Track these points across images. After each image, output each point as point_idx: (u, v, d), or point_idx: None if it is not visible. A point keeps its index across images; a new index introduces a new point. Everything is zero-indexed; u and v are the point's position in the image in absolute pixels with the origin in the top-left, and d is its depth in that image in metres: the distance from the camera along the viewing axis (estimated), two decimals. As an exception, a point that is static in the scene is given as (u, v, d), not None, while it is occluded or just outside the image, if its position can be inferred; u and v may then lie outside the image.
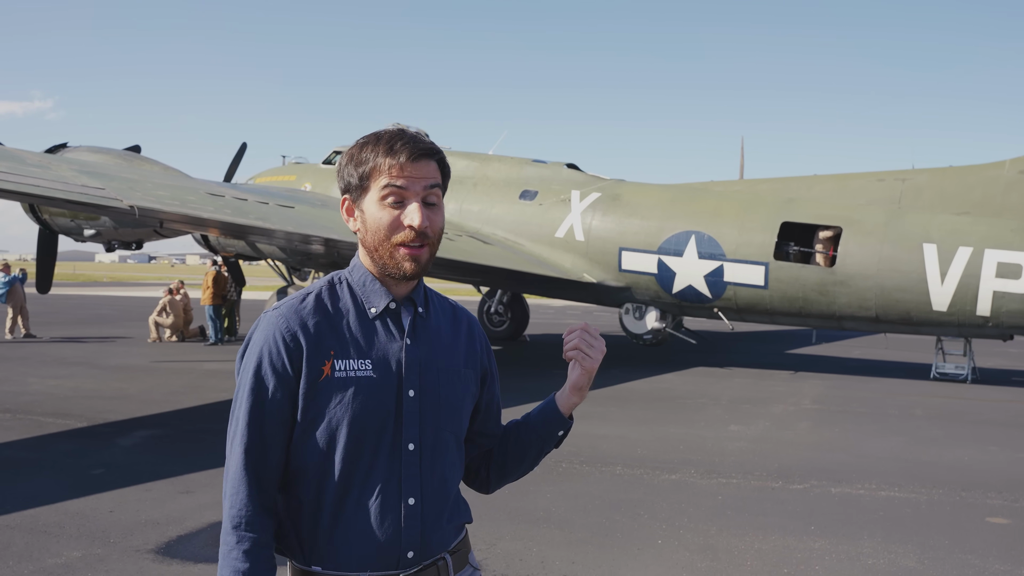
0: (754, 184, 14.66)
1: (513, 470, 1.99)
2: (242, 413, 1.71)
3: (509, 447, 1.98)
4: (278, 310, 1.75)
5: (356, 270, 1.82)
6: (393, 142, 1.73)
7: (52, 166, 9.04)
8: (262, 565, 1.68)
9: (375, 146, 1.74)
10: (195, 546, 4.80)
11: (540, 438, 1.94)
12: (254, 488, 1.69)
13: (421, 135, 1.78)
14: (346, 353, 1.72)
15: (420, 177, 1.72)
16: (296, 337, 1.71)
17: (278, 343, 1.71)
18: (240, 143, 18.26)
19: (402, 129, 1.77)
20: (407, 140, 1.73)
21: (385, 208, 1.72)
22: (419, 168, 1.72)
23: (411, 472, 1.74)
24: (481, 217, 14.79)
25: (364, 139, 1.77)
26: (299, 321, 1.73)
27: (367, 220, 1.75)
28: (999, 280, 11.30)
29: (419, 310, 1.82)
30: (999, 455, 7.68)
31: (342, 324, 1.75)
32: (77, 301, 30.61)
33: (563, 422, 1.93)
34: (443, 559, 1.80)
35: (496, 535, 4.97)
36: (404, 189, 1.71)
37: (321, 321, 1.74)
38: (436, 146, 1.77)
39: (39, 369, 12.15)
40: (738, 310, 13.15)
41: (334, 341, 1.73)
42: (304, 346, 1.71)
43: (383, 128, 1.80)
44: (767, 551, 4.91)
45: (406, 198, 1.72)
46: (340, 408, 1.69)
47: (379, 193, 1.72)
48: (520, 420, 2.00)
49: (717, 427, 8.66)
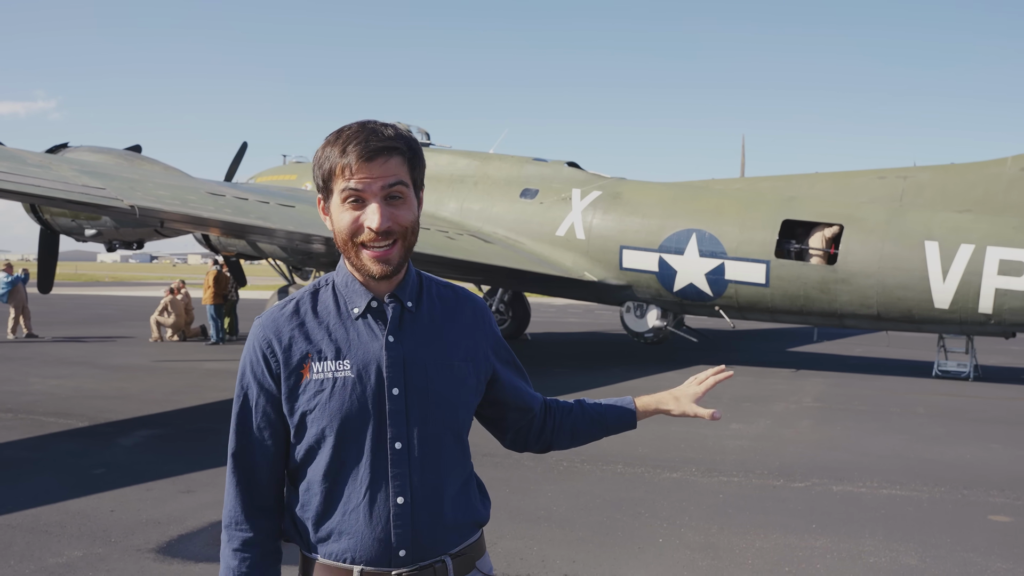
0: (755, 182, 14.64)
1: (565, 447, 2.10)
2: (232, 420, 1.80)
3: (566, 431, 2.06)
4: (260, 319, 1.80)
5: (340, 271, 1.82)
6: (347, 143, 1.66)
7: (53, 166, 9.04)
8: (250, 561, 1.78)
9: (333, 146, 1.68)
10: (196, 545, 4.80)
11: (605, 433, 2.09)
12: (243, 489, 1.79)
13: (382, 130, 1.68)
14: (324, 354, 1.73)
15: (376, 177, 1.66)
16: (271, 345, 1.75)
17: (256, 352, 1.76)
18: (241, 143, 18.27)
19: (363, 124, 1.69)
20: (360, 140, 1.65)
21: (347, 210, 1.69)
22: (374, 168, 1.66)
23: (399, 471, 1.72)
24: (482, 216, 14.79)
25: (327, 137, 1.72)
26: (275, 329, 1.76)
27: (334, 222, 1.73)
28: (1001, 277, 11.28)
29: (407, 305, 1.78)
30: (1001, 453, 7.67)
31: (322, 326, 1.76)
32: (79, 301, 30.65)
33: (633, 426, 2.10)
34: (442, 562, 1.76)
35: (497, 534, 4.96)
36: (361, 191, 1.67)
37: (299, 326, 1.76)
38: (396, 141, 1.68)
39: (41, 369, 12.17)
40: (739, 308, 13.13)
41: (311, 344, 1.74)
42: (280, 352, 1.74)
43: (349, 123, 1.72)
44: (768, 549, 4.90)
45: (365, 199, 1.68)
46: (319, 409, 1.71)
47: (340, 195, 1.69)
48: (589, 412, 2.08)
49: (718, 425, 8.65)
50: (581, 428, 2.06)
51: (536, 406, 2.03)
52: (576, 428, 2.06)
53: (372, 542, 1.70)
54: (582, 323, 23.50)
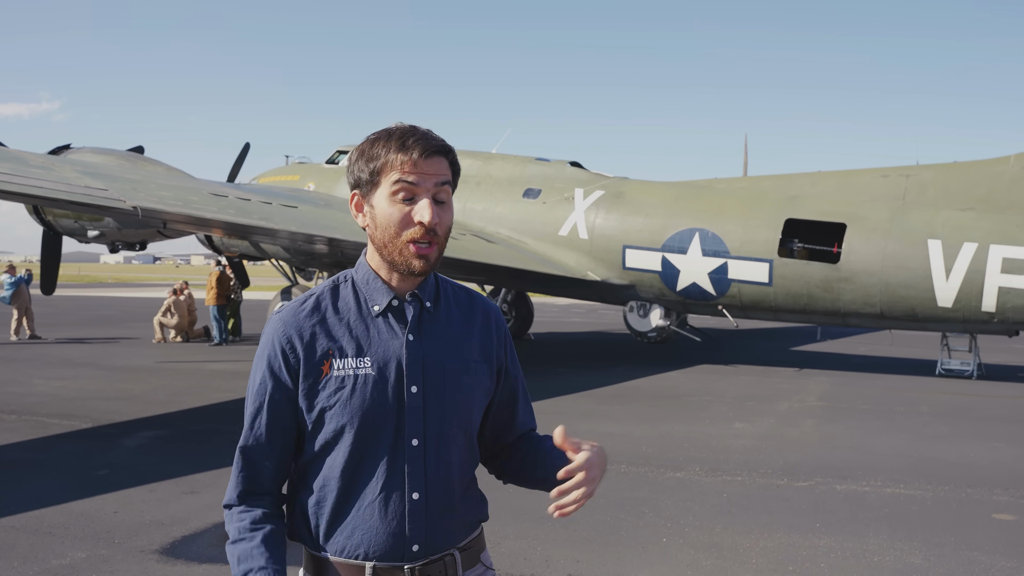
0: (758, 181, 14.63)
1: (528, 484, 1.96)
2: (247, 415, 1.81)
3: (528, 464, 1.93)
4: (279, 314, 1.81)
5: (361, 268, 1.84)
6: (406, 138, 1.72)
7: (55, 167, 9.06)
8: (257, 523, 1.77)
9: (387, 142, 1.73)
10: (200, 546, 4.80)
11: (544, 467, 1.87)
12: (246, 477, 1.79)
13: (432, 133, 1.77)
14: (345, 352, 1.75)
15: (431, 174, 1.72)
16: (292, 341, 1.76)
17: (275, 349, 1.77)
18: (243, 143, 18.29)
19: (414, 126, 1.76)
20: (419, 136, 1.73)
21: (396, 204, 1.72)
22: (431, 165, 1.72)
23: (415, 467, 1.75)
24: (485, 216, 14.79)
25: (375, 135, 1.77)
26: (296, 325, 1.77)
27: (377, 216, 1.75)
28: (1004, 276, 11.26)
29: (426, 305, 1.81)
30: (1005, 451, 7.65)
31: (342, 323, 1.78)
32: (82, 302, 30.71)
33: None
34: (451, 555, 1.79)
35: (501, 533, 4.96)
36: (415, 185, 1.71)
37: (319, 322, 1.78)
38: (447, 144, 1.77)
39: (44, 370, 12.18)
40: (742, 307, 13.12)
41: (333, 341, 1.76)
42: (301, 349, 1.75)
43: (393, 124, 1.79)
44: (772, 549, 4.90)
45: (416, 194, 1.72)
46: (340, 405, 1.73)
47: (390, 188, 1.72)
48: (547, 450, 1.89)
49: (722, 425, 8.64)
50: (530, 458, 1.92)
51: (523, 428, 1.98)
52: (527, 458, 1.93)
53: (386, 537, 1.73)
54: (585, 323, 23.50)
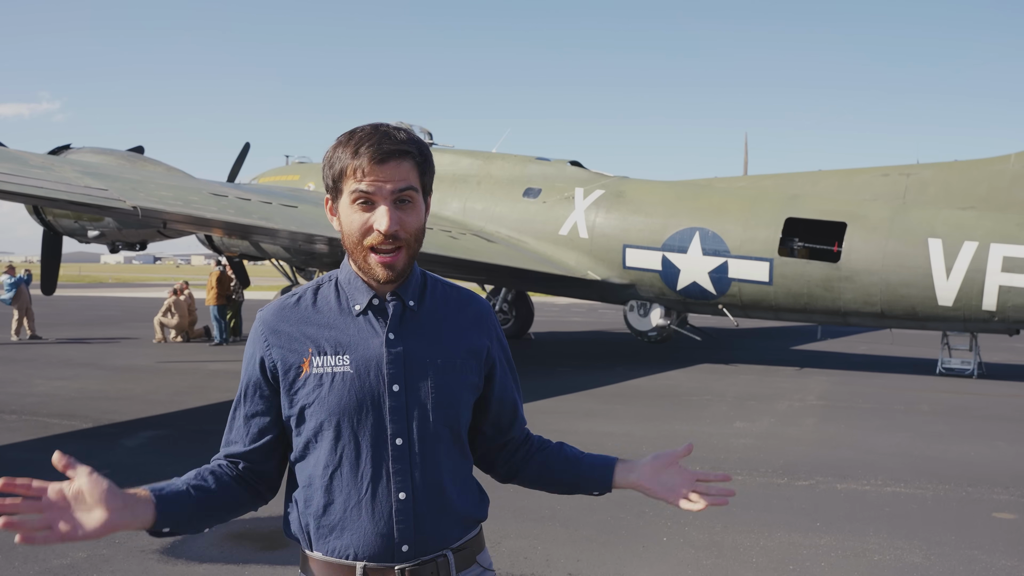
0: (758, 180, 14.62)
1: (530, 483, 2.02)
2: (231, 410, 1.86)
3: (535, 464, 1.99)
4: (262, 312, 1.83)
5: (344, 268, 1.83)
6: (360, 144, 1.67)
7: (55, 167, 9.05)
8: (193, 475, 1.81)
9: (345, 147, 1.69)
10: (199, 547, 4.79)
11: (577, 480, 1.98)
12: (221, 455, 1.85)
13: (395, 134, 1.70)
14: (324, 350, 1.74)
15: (387, 180, 1.67)
16: (272, 338, 1.78)
17: (256, 345, 1.80)
18: (243, 143, 18.30)
19: (376, 127, 1.70)
20: (373, 142, 1.66)
21: (356, 211, 1.70)
22: (386, 171, 1.67)
23: (401, 467, 1.73)
24: (485, 215, 14.79)
25: (339, 138, 1.73)
26: (276, 322, 1.79)
27: (342, 223, 1.74)
28: (1005, 274, 11.26)
29: (409, 304, 1.79)
30: (1006, 450, 7.65)
31: (323, 322, 1.78)
32: (82, 302, 30.72)
33: (607, 487, 1.97)
34: (444, 556, 1.77)
35: (501, 533, 4.96)
36: (371, 194, 1.68)
37: (300, 320, 1.78)
38: (408, 145, 1.70)
39: (45, 370, 12.19)
40: (743, 306, 13.12)
41: (312, 339, 1.76)
42: (281, 347, 1.76)
43: (361, 125, 1.74)
44: (773, 548, 4.90)
45: (375, 201, 1.69)
46: (318, 403, 1.73)
47: (349, 197, 1.70)
48: (567, 452, 2.00)
49: (722, 424, 8.64)
50: (553, 465, 1.98)
51: (517, 432, 2.00)
52: (547, 463, 1.99)
53: (375, 537, 1.72)
54: (585, 322, 23.50)
